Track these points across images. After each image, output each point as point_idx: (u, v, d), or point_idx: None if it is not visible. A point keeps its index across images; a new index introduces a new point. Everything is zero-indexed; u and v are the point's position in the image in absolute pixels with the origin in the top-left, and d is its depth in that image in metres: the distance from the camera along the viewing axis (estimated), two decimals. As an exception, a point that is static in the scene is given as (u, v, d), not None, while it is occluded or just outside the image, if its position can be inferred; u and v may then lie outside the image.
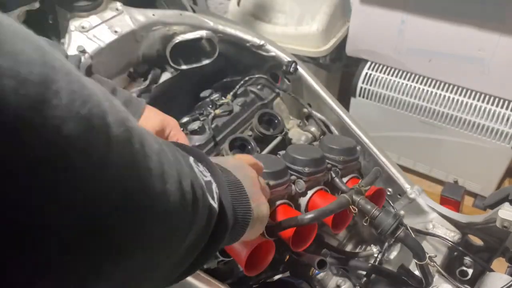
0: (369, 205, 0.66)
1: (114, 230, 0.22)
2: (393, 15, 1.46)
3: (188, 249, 0.31)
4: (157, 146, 0.26)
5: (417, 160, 1.74)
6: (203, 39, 1.01)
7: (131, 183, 0.23)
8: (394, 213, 0.65)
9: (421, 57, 1.50)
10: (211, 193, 0.35)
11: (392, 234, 0.64)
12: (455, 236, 0.84)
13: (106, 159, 0.21)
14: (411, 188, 0.90)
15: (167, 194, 0.26)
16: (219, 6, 2.28)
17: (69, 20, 0.86)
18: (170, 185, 0.26)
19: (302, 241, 0.68)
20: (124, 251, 0.23)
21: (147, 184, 0.24)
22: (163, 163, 0.26)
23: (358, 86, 1.62)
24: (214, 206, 0.35)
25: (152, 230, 0.25)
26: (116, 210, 0.22)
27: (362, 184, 0.69)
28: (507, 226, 0.69)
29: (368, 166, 0.97)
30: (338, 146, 0.81)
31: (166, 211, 0.26)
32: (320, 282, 0.81)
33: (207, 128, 0.88)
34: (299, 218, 0.62)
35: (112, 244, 0.22)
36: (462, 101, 1.47)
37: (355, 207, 0.66)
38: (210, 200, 0.34)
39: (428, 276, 0.68)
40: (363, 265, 0.79)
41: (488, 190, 1.62)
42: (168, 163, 0.27)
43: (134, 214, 0.23)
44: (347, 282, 0.82)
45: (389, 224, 0.64)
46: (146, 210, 0.24)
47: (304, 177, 0.75)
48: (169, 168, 0.27)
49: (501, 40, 1.32)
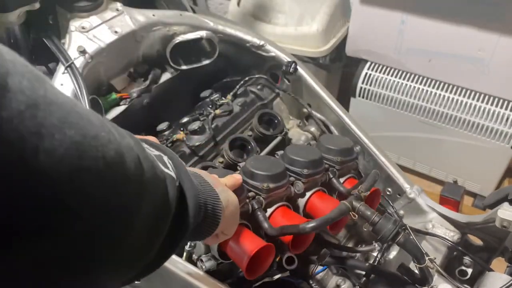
0: (369, 211, 0.66)
1: (69, 196, 0.22)
2: (393, 15, 1.46)
3: (149, 226, 0.31)
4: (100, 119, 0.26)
5: (416, 160, 1.74)
6: (203, 40, 1.01)
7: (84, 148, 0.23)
8: (394, 219, 0.65)
9: (421, 57, 1.50)
10: (164, 164, 0.35)
11: (392, 240, 0.65)
12: (454, 236, 0.84)
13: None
14: (411, 188, 0.90)
15: (108, 161, 0.25)
16: (219, 7, 2.28)
17: (69, 21, 0.86)
18: (111, 151, 0.26)
19: (300, 243, 0.68)
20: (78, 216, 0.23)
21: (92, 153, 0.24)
22: (109, 132, 0.26)
23: (358, 86, 1.62)
24: (170, 173, 0.34)
25: (100, 195, 0.25)
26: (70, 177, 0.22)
27: (361, 189, 0.69)
28: (506, 226, 0.70)
29: (368, 166, 0.97)
30: (335, 147, 0.82)
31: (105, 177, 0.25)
32: (319, 281, 0.81)
33: (207, 128, 0.88)
34: (301, 227, 0.63)
35: (68, 212, 0.23)
36: (462, 101, 1.47)
37: (355, 214, 0.66)
38: (162, 167, 0.34)
39: (428, 278, 0.68)
40: (363, 265, 0.79)
41: (487, 190, 1.62)
42: (114, 135, 0.27)
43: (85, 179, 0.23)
44: (347, 282, 0.82)
45: (390, 230, 0.64)
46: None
47: (303, 179, 0.75)
48: (114, 138, 0.26)
49: (501, 40, 1.32)
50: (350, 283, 0.82)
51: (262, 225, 0.67)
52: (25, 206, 0.21)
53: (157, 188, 0.32)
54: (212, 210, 0.43)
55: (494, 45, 1.34)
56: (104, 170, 0.24)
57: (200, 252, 0.71)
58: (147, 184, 0.30)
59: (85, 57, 0.83)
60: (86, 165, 0.23)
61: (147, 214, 0.30)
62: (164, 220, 0.33)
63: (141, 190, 0.29)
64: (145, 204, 0.29)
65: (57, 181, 0.22)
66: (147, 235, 0.31)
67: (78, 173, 0.23)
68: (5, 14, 0.75)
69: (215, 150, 0.89)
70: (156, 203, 0.31)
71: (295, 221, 0.67)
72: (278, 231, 0.65)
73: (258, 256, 0.60)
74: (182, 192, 0.37)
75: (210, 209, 0.43)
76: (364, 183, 0.71)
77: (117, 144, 0.26)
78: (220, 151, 0.90)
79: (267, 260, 0.63)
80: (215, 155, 0.89)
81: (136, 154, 0.29)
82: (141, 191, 0.29)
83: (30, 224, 0.21)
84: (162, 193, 0.33)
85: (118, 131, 0.28)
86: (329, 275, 0.83)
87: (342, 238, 0.94)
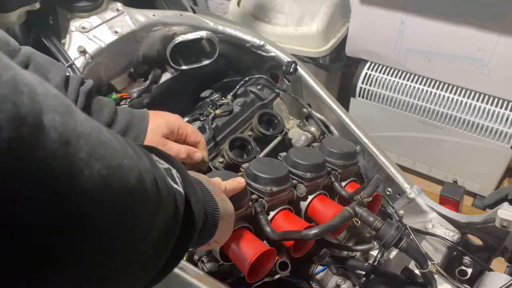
0: (372, 217, 0.66)
1: (92, 219, 0.23)
2: (393, 15, 1.46)
3: (160, 240, 0.31)
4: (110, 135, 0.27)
5: (416, 160, 1.74)
6: (203, 40, 1.01)
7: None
8: (396, 224, 0.66)
9: (420, 57, 1.50)
10: (173, 178, 0.36)
11: (395, 245, 0.65)
12: (454, 235, 0.84)
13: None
14: (411, 188, 0.90)
15: (129, 181, 0.26)
16: (219, 7, 2.28)
17: (70, 21, 0.86)
18: (132, 171, 0.27)
19: (301, 248, 0.68)
20: (103, 239, 0.25)
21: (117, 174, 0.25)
22: (125, 153, 0.27)
23: (357, 86, 1.63)
24: (178, 189, 0.35)
25: (122, 220, 0.26)
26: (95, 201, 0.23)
27: (364, 195, 0.69)
28: (506, 226, 0.70)
29: (368, 166, 0.97)
30: (338, 150, 0.82)
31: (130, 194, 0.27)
32: (319, 281, 0.81)
33: (207, 128, 0.89)
34: (304, 234, 0.63)
35: (90, 234, 0.24)
36: (462, 101, 1.47)
37: (358, 220, 0.67)
38: (172, 183, 0.34)
39: (431, 282, 0.68)
40: (363, 265, 0.80)
41: (487, 190, 1.63)
42: (134, 159, 0.28)
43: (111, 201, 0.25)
44: (347, 282, 0.82)
45: (392, 236, 0.64)
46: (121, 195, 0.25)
47: (306, 182, 0.75)
48: (130, 160, 0.27)
49: (500, 40, 1.32)
50: (350, 283, 0.82)
51: (264, 229, 0.67)
52: (55, 240, 0.22)
53: (169, 205, 0.33)
54: (211, 220, 0.44)
55: (494, 45, 1.34)
56: (126, 197, 0.26)
57: (201, 253, 0.72)
58: (161, 203, 0.31)
59: (85, 57, 0.83)
60: (111, 196, 0.24)
61: (158, 230, 0.30)
62: (172, 234, 0.34)
63: (156, 209, 0.30)
64: (158, 221, 0.30)
65: (86, 215, 0.23)
66: (155, 250, 0.31)
67: (103, 204, 0.24)
68: (5, 14, 0.75)
69: (215, 150, 0.89)
70: (166, 219, 0.32)
71: (297, 225, 0.68)
72: (280, 236, 0.65)
73: (259, 260, 0.61)
74: (188, 204, 0.38)
75: (210, 219, 0.43)
76: (367, 189, 0.71)
77: (137, 169, 0.27)
78: (220, 151, 0.90)
79: (268, 263, 0.64)
80: (216, 155, 0.89)
81: (152, 175, 0.30)
82: (156, 210, 0.30)
83: (60, 254, 0.22)
84: (173, 209, 0.33)
85: (136, 152, 0.29)
86: (329, 275, 0.83)
87: (342, 239, 0.94)
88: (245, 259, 0.61)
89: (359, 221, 0.66)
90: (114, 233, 0.25)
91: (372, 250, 0.87)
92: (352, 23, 1.59)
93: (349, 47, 1.65)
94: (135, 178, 0.27)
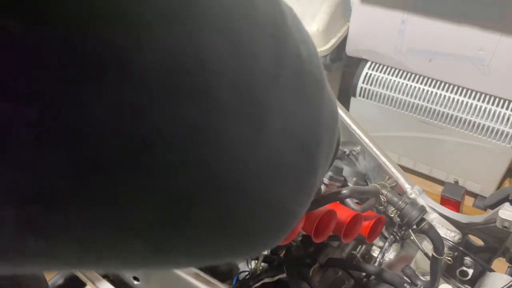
0: (396, 198, 0.69)
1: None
2: (393, 15, 1.46)
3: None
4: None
5: (417, 160, 1.74)
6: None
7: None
8: (419, 206, 0.68)
9: (421, 57, 1.50)
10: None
11: (417, 225, 0.67)
12: (455, 236, 0.84)
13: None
14: (412, 188, 0.90)
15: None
16: (219, 6, 2.28)
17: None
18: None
19: (321, 232, 0.69)
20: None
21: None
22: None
23: (358, 86, 1.62)
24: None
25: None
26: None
27: (388, 181, 0.72)
28: (507, 226, 0.69)
29: (368, 166, 0.97)
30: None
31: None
32: (320, 281, 0.81)
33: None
34: (341, 192, 0.67)
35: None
36: (463, 101, 1.47)
37: (384, 197, 0.70)
38: None
39: (437, 273, 0.68)
40: (363, 266, 0.79)
41: (488, 190, 1.62)
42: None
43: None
44: (347, 282, 0.82)
45: (414, 216, 0.66)
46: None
47: (327, 181, 0.76)
48: None
49: (501, 40, 1.32)
50: (350, 283, 0.82)
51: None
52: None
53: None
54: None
55: (494, 45, 1.34)
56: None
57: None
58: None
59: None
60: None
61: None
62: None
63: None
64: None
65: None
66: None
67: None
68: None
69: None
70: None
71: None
72: (321, 197, 0.68)
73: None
74: None
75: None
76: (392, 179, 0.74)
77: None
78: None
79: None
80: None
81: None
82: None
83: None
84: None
85: None
86: (329, 275, 0.83)
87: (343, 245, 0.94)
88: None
89: (385, 198, 0.70)
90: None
91: (372, 252, 0.87)
92: (353, 22, 1.59)
93: (350, 47, 1.65)
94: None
